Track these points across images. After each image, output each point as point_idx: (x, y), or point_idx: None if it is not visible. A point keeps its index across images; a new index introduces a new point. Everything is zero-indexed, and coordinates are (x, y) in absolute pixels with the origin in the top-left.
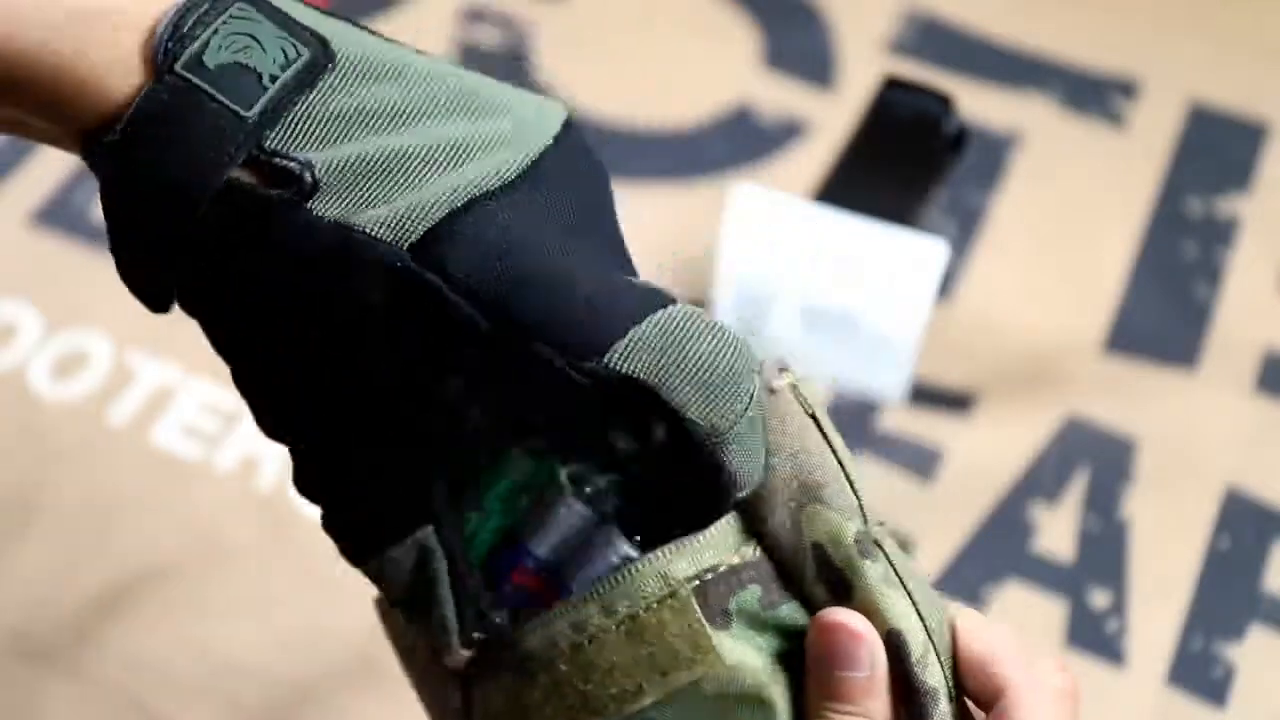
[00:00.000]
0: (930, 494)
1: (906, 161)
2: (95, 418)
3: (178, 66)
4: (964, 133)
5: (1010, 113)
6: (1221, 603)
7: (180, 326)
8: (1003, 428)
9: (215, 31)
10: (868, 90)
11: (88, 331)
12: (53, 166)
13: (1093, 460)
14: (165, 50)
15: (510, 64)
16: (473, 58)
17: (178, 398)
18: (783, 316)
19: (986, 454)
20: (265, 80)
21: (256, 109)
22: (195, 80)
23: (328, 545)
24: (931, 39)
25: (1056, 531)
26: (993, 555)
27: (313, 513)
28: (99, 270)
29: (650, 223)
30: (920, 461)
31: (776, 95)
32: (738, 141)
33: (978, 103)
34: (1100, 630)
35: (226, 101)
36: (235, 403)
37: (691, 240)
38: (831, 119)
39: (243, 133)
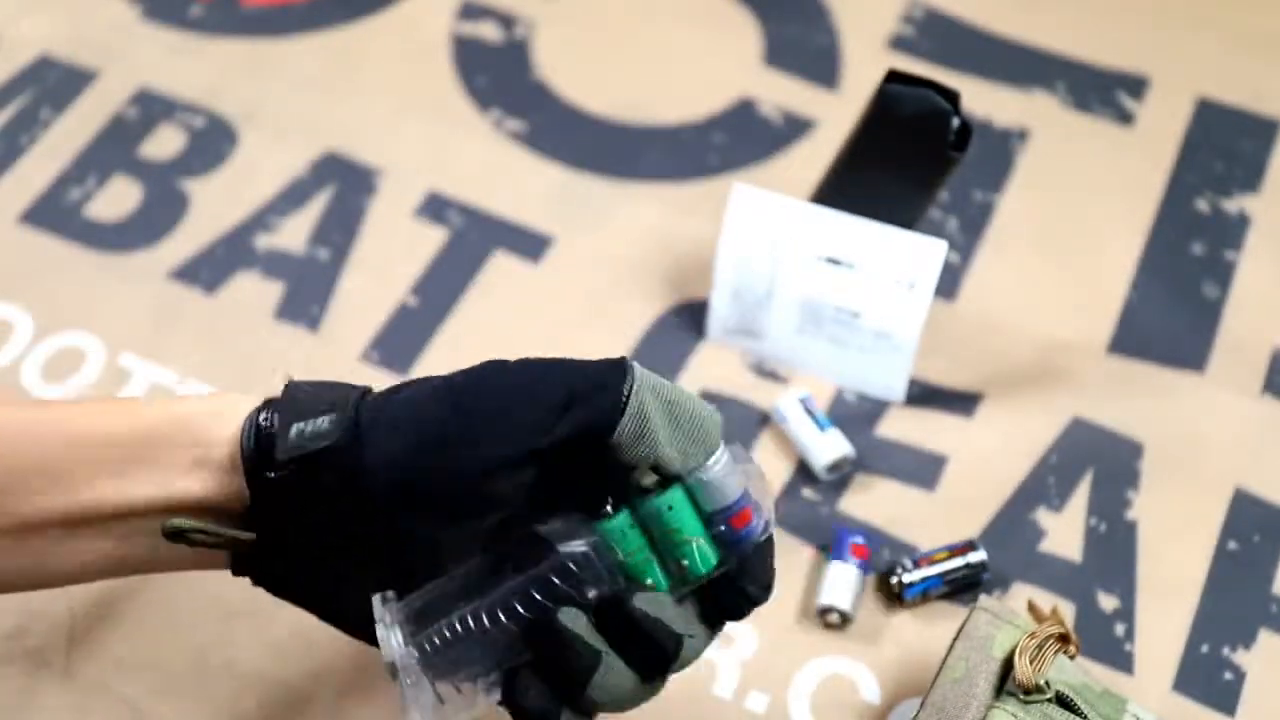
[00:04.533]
0: (935, 496)
1: (910, 158)
2: None
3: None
4: (968, 129)
5: (1016, 110)
6: (1230, 607)
7: (172, 329)
8: (1008, 429)
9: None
10: (871, 88)
11: (78, 332)
12: (42, 166)
13: (1099, 462)
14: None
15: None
16: (471, 53)
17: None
18: (783, 317)
19: (992, 455)
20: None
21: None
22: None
23: None
24: (936, 35)
25: (1063, 534)
26: (999, 558)
27: None
28: (89, 269)
29: (650, 223)
30: (925, 464)
31: (778, 93)
32: (739, 140)
33: (983, 100)
34: (1108, 633)
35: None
36: None
37: (691, 240)
38: (834, 117)
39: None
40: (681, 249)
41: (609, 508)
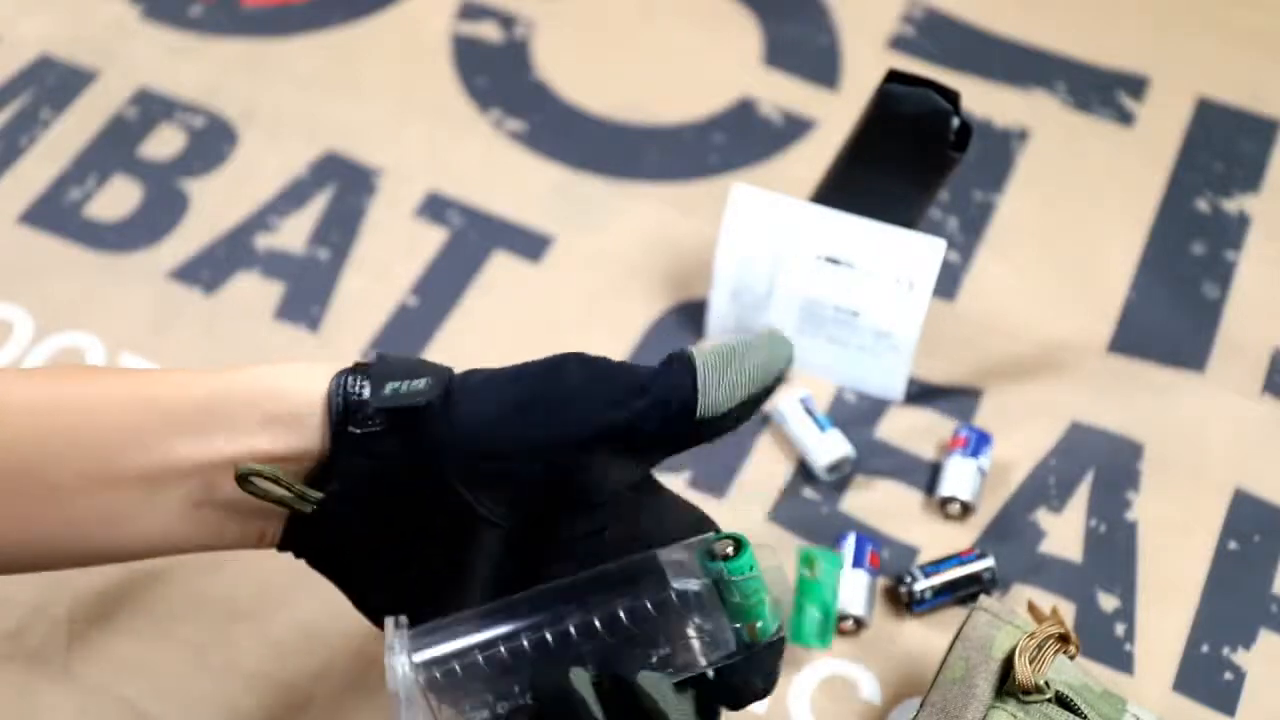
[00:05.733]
0: (935, 497)
1: (910, 158)
2: None
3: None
4: (968, 129)
5: (1016, 110)
6: (1230, 607)
7: (172, 329)
8: (1008, 429)
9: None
10: (871, 88)
11: (78, 332)
12: (42, 166)
13: (1099, 462)
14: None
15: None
16: (471, 53)
17: None
18: (782, 316)
19: (991, 455)
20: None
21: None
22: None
23: None
24: (937, 35)
25: (1064, 534)
26: (1000, 558)
27: None
28: (89, 269)
29: (650, 223)
30: (924, 464)
31: (778, 93)
32: (739, 140)
33: (983, 100)
34: (1108, 633)
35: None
36: None
37: (691, 240)
38: (834, 117)
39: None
40: (681, 249)
41: (728, 548)
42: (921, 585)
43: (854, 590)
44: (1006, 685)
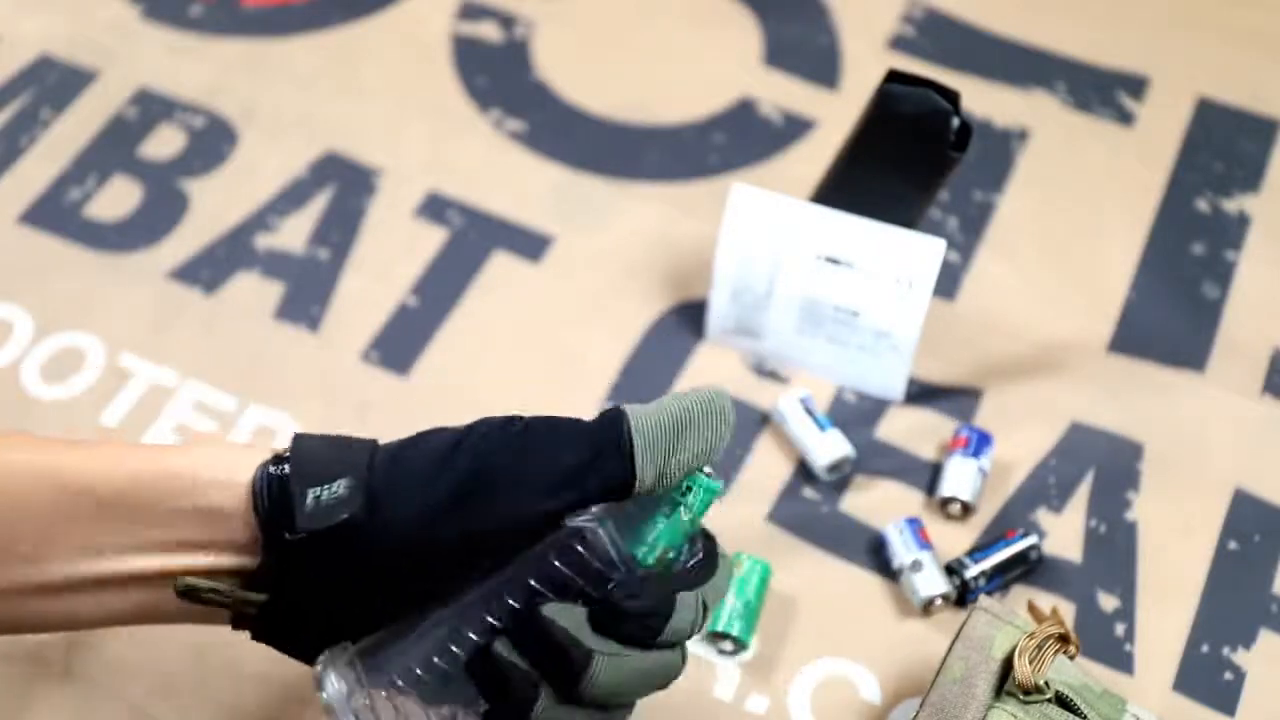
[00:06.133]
0: (935, 497)
1: (910, 158)
2: (89, 417)
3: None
4: (968, 129)
5: (1016, 110)
6: (1230, 607)
7: (172, 329)
8: (1008, 429)
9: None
10: (871, 88)
11: (78, 332)
12: (42, 166)
13: (1099, 462)
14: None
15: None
16: (471, 53)
17: (172, 398)
18: (782, 316)
19: (992, 455)
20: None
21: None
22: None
23: None
24: (936, 35)
25: (1064, 534)
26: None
27: None
28: (89, 269)
29: (650, 223)
30: (924, 464)
31: (778, 93)
32: (739, 140)
33: (983, 100)
34: (1108, 633)
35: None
36: (229, 403)
37: (691, 240)
38: (835, 117)
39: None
40: (681, 249)
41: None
42: (972, 571)
43: (931, 572)
44: (1006, 685)
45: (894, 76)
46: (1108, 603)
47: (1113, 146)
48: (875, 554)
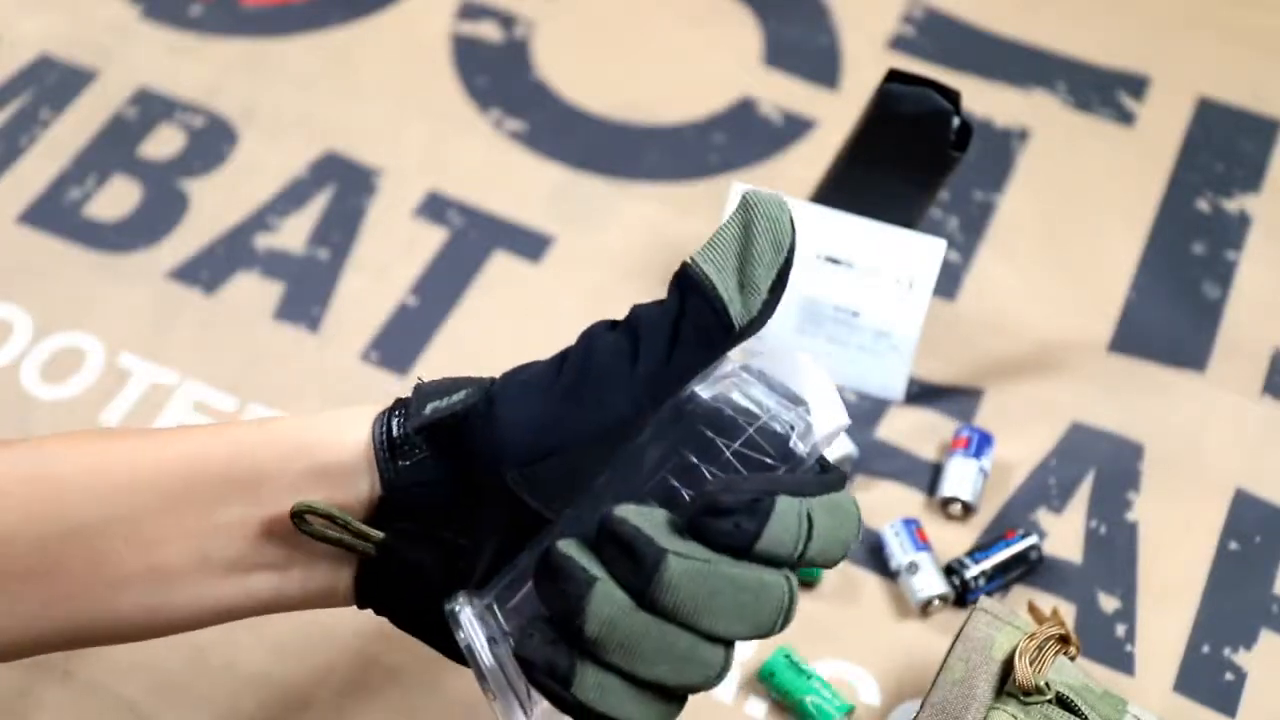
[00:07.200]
0: (935, 497)
1: (910, 158)
2: (89, 418)
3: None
4: (968, 129)
5: (1016, 110)
6: (1230, 607)
7: (171, 329)
8: (1009, 429)
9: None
10: (871, 88)
11: (78, 332)
12: (42, 166)
13: (1100, 462)
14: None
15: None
16: (471, 53)
17: (172, 398)
18: (782, 316)
19: (992, 456)
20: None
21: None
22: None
23: None
24: (936, 35)
25: (1064, 535)
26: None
27: None
28: (88, 269)
29: (650, 222)
30: (925, 464)
31: (778, 93)
32: (739, 140)
33: (984, 99)
34: (1109, 634)
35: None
36: (229, 403)
37: (691, 240)
38: (835, 117)
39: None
40: (681, 249)
41: None
42: (973, 572)
43: (929, 573)
44: (1007, 686)
45: (894, 76)
46: (1108, 603)
47: (1113, 146)
48: (875, 555)
